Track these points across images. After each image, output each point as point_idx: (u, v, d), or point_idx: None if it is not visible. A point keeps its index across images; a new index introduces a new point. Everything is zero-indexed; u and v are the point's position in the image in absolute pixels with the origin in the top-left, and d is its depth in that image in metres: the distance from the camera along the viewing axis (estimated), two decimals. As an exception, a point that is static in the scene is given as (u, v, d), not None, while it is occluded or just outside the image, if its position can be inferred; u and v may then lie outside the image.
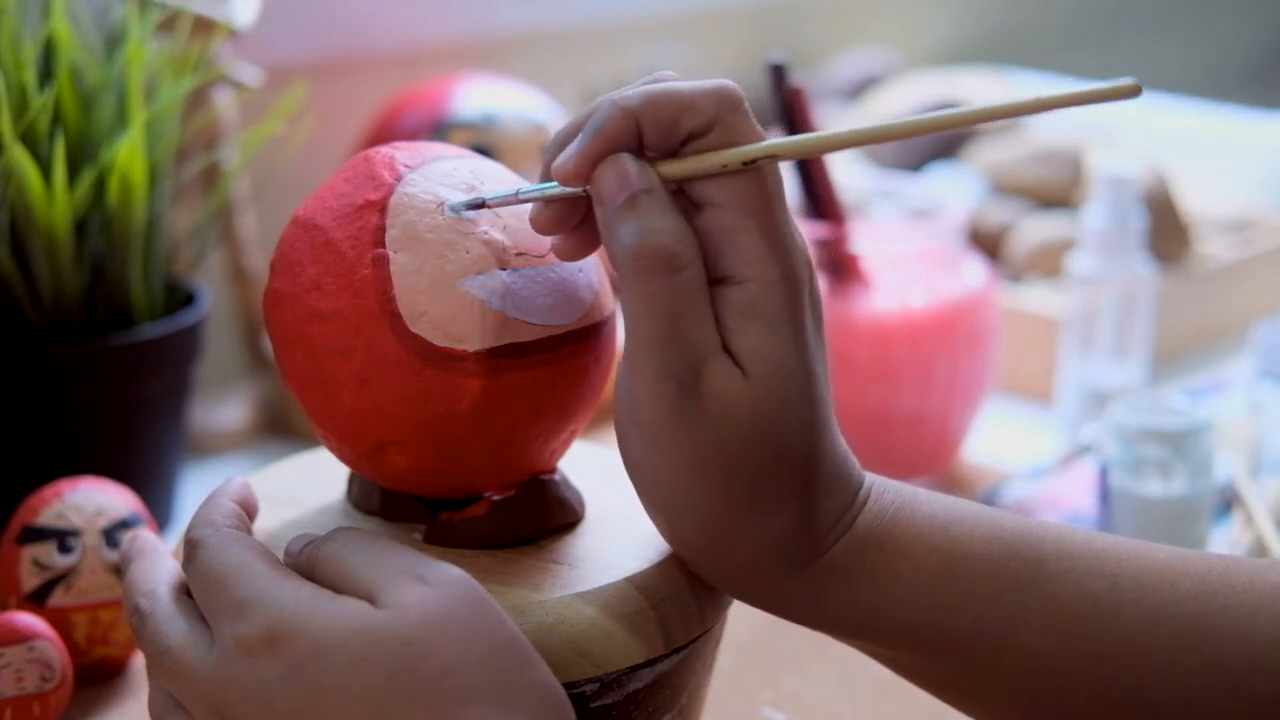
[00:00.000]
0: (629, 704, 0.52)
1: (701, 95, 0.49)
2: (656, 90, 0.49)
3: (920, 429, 0.93)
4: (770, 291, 0.48)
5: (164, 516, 0.87)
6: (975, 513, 0.52)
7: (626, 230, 0.48)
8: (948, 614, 0.50)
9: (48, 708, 0.65)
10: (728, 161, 0.48)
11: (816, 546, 0.50)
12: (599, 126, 0.49)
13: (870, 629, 0.51)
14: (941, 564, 0.50)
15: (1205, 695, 0.48)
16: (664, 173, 0.49)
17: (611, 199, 0.48)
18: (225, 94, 0.96)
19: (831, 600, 0.50)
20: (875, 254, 0.93)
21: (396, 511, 0.56)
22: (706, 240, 0.49)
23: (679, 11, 1.42)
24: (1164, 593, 0.49)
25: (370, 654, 0.45)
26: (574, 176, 0.49)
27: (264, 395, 1.03)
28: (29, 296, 0.82)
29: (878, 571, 0.50)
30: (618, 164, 0.48)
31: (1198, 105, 1.54)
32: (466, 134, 0.96)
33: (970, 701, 0.52)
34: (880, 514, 0.51)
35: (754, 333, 0.48)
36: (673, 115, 0.48)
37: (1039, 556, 0.50)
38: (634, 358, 0.48)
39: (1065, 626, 0.49)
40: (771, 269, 0.49)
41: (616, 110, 0.48)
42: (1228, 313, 1.21)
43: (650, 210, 0.48)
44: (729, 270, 0.49)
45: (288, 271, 0.53)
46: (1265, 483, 0.89)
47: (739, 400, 0.48)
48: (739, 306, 0.48)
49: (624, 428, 0.50)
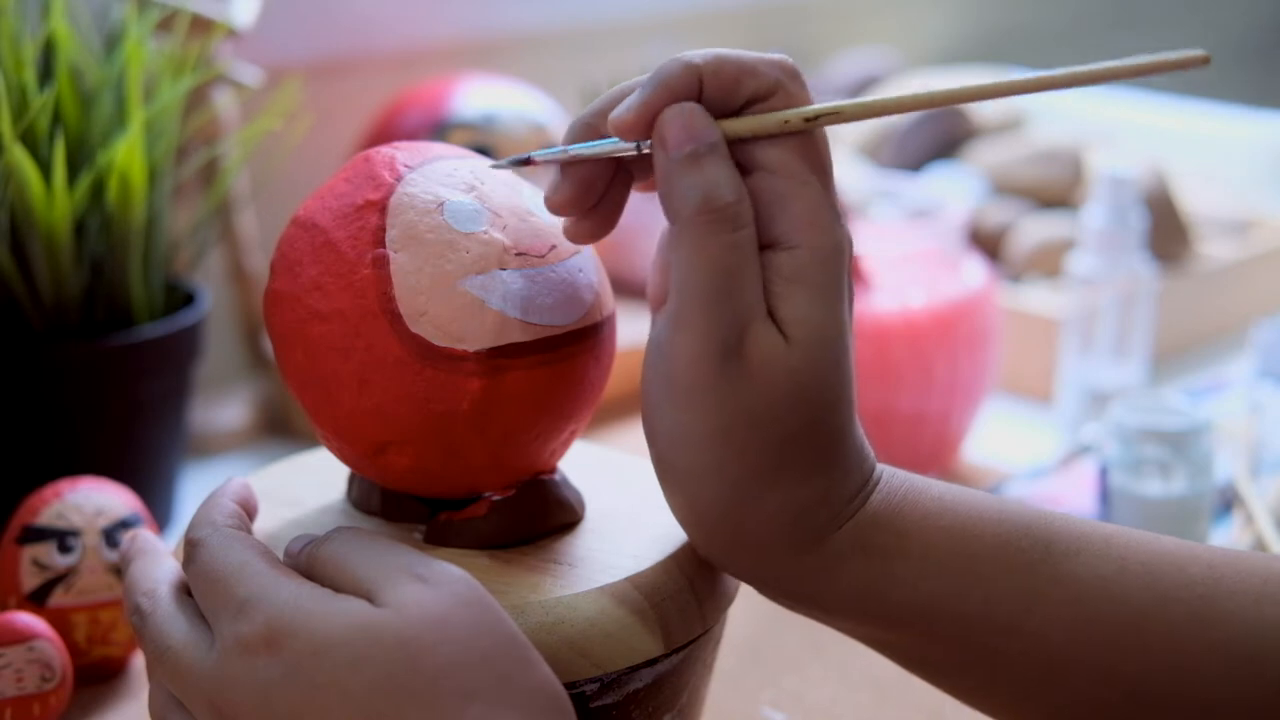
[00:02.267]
0: (629, 704, 0.52)
1: (764, 62, 0.49)
2: (722, 51, 0.49)
3: (920, 429, 0.93)
4: (819, 259, 0.49)
5: (164, 516, 0.87)
6: (983, 497, 0.52)
7: (690, 183, 0.48)
8: (957, 594, 0.50)
9: (48, 708, 0.65)
10: (790, 119, 0.49)
11: (830, 523, 0.50)
12: (663, 79, 0.49)
13: (878, 610, 0.50)
14: (951, 544, 0.50)
15: (1214, 680, 0.48)
16: (727, 129, 0.49)
17: (678, 146, 0.48)
18: (224, 94, 0.96)
19: (840, 580, 0.50)
20: (875, 254, 0.93)
21: (396, 511, 0.56)
22: (757, 205, 0.49)
23: (679, 11, 1.42)
24: (1172, 576, 0.49)
25: (370, 653, 0.45)
26: (633, 127, 0.49)
27: (264, 395, 1.03)
28: (29, 296, 0.82)
29: (887, 551, 0.50)
30: (688, 113, 0.49)
31: (1198, 105, 1.54)
32: (466, 134, 0.97)
33: (975, 688, 0.52)
34: (890, 495, 0.51)
35: (800, 299, 0.48)
36: (736, 76, 0.49)
37: (1048, 539, 0.50)
38: (681, 314, 0.48)
39: (1075, 609, 0.49)
40: (822, 237, 0.49)
41: (681, 65, 0.49)
42: (1228, 313, 1.21)
43: (716, 165, 0.48)
44: (779, 236, 0.49)
45: (288, 271, 0.53)
46: (1265, 483, 0.89)
47: (779, 365, 0.48)
48: (786, 271, 0.49)
49: (656, 391, 0.49)
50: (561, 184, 0.51)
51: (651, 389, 0.50)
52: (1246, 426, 0.95)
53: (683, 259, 0.48)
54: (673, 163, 0.49)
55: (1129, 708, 0.49)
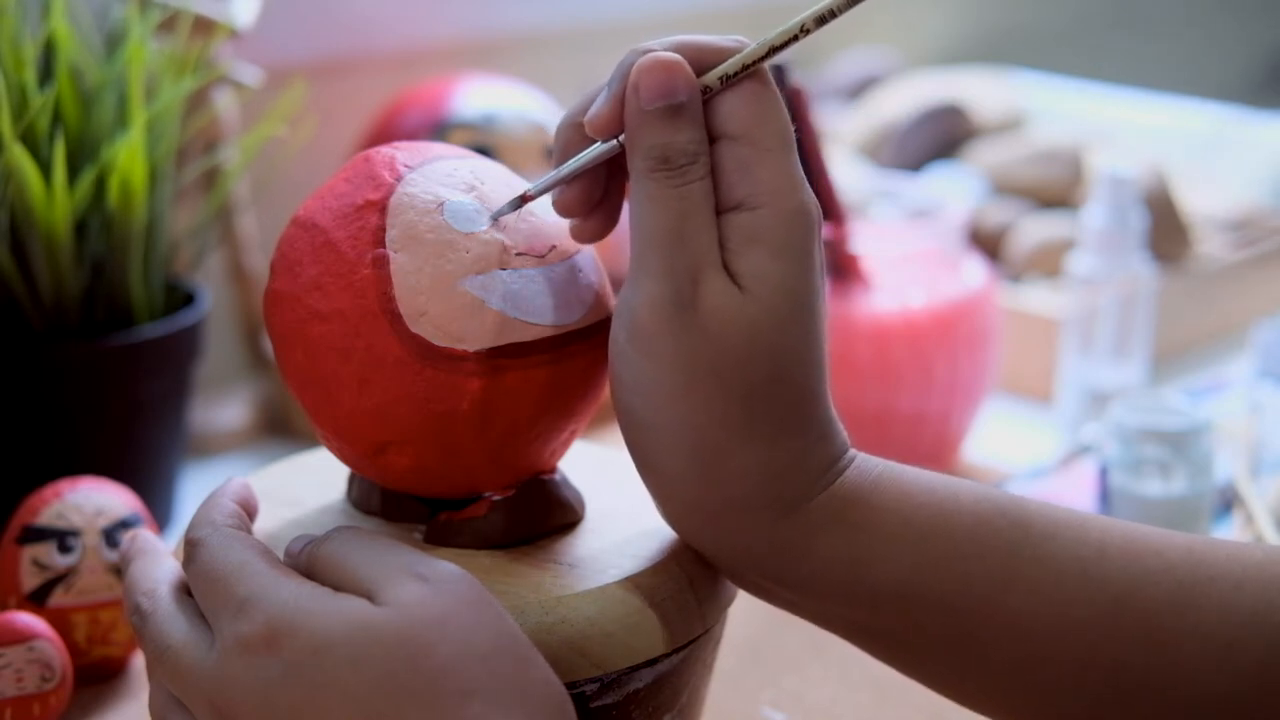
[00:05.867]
0: (629, 704, 0.52)
1: (724, 41, 0.51)
2: (682, 37, 0.51)
3: (920, 429, 0.93)
4: (780, 220, 0.49)
5: (164, 516, 0.87)
6: (961, 481, 0.52)
7: (654, 136, 0.49)
8: (935, 573, 0.49)
9: (48, 708, 0.65)
10: (756, 49, 0.50)
11: (804, 491, 0.50)
12: (626, 72, 0.50)
13: (854, 590, 0.50)
14: (928, 521, 0.50)
15: (1191, 664, 0.48)
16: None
17: (650, 99, 0.49)
18: (225, 94, 0.96)
19: (815, 555, 0.50)
20: (875, 254, 0.93)
21: (396, 511, 0.56)
22: (720, 171, 0.50)
23: (679, 11, 1.42)
24: (1150, 560, 0.49)
25: (370, 652, 0.45)
26: (607, 124, 0.51)
27: (264, 395, 1.03)
28: (29, 296, 0.82)
29: (863, 526, 0.50)
30: (667, 65, 0.50)
31: (1198, 105, 1.54)
32: (466, 134, 0.96)
33: (951, 673, 0.52)
34: (866, 472, 0.51)
35: (755, 255, 0.49)
36: (697, 59, 0.50)
37: (1026, 521, 0.50)
38: (639, 260, 0.49)
39: (1054, 590, 0.49)
40: (786, 200, 0.49)
41: (641, 55, 0.50)
42: (1228, 313, 1.21)
43: (683, 122, 0.49)
44: (741, 198, 0.50)
45: (288, 271, 0.53)
46: (1265, 483, 0.89)
47: (733, 315, 0.48)
48: (745, 229, 0.49)
49: (620, 345, 0.50)
50: (567, 187, 0.52)
51: (616, 339, 0.50)
52: (1246, 426, 0.95)
53: (637, 206, 0.50)
54: (642, 114, 0.50)
55: (1107, 691, 0.49)
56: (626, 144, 0.50)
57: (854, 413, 0.53)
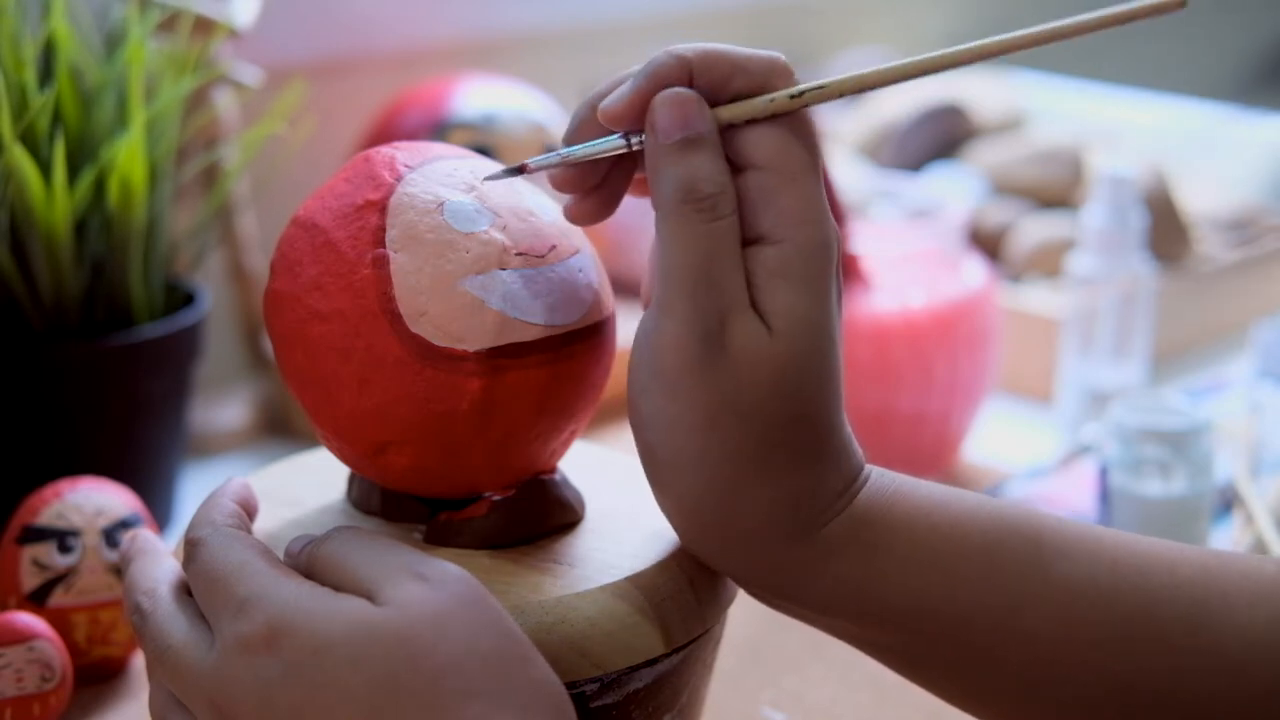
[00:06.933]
0: (629, 704, 0.52)
1: (754, 59, 0.50)
2: (712, 47, 0.50)
3: (920, 429, 0.93)
4: (805, 254, 0.49)
5: (164, 516, 0.87)
6: (974, 498, 0.52)
7: (676, 171, 0.49)
8: (947, 593, 0.50)
9: (48, 708, 0.65)
10: (775, 98, 0.49)
11: (819, 517, 0.50)
12: (653, 71, 0.49)
13: (867, 608, 0.50)
14: (941, 542, 0.50)
15: (1204, 683, 0.48)
16: (717, 116, 0.50)
17: (667, 134, 0.49)
18: (225, 94, 0.96)
19: (829, 575, 0.50)
20: (875, 254, 0.93)
21: (396, 511, 0.56)
22: (745, 202, 0.49)
23: (679, 11, 1.42)
24: (1163, 578, 0.49)
25: (370, 652, 0.45)
26: (621, 116, 0.50)
27: (264, 395, 1.03)
28: (29, 296, 0.82)
29: (876, 547, 0.50)
30: (682, 100, 0.49)
31: (1198, 105, 1.54)
32: (466, 134, 0.96)
33: (964, 691, 0.52)
34: (880, 492, 0.51)
35: (784, 292, 0.49)
36: (725, 73, 0.49)
37: (1038, 540, 0.50)
38: (664, 301, 0.49)
39: (1067, 610, 0.49)
40: (809, 232, 0.49)
41: (672, 58, 0.49)
42: (1228, 313, 1.21)
43: (703, 155, 0.49)
44: (765, 231, 0.49)
45: (288, 271, 0.53)
46: (1265, 483, 0.89)
47: (762, 356, 0.48)
48: (771, 265, 0.49)
49: (642, 380, 0.50)
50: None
51: (637, 376, 0.50)
52: (1246, 426, 0.95)
53: (664, 245, 0.49)
54: (661, 149, 0.49)
55: (1119, 710, 0.49)
56: (650, 183, 0.50)
57: (854, 413, 0.53)
